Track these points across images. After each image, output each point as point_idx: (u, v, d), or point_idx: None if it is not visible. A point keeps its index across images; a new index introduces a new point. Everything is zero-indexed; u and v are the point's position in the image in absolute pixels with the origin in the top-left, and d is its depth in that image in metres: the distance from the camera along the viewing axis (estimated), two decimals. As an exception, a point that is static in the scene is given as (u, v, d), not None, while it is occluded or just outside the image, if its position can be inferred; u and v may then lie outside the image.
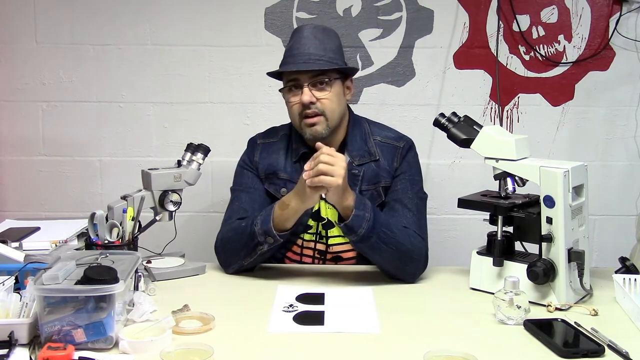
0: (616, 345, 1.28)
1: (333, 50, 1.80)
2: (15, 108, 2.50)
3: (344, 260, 1.87)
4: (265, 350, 1.29)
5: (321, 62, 1.75)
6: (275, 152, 1.90)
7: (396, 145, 1.88)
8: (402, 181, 1.84)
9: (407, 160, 1.87)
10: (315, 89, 1.76)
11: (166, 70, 2.48)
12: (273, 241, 1.67)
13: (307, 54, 1.75)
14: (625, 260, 1.68)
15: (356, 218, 1.62)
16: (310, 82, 1.76)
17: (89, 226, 1.64)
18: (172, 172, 1.80)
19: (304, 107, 1.76)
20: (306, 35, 1.78)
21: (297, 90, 1.78)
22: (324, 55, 1.76)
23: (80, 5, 2.44)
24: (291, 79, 1.79)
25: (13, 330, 1.25)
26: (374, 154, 1.85)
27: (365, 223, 1.62)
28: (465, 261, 1.70)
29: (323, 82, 1.77)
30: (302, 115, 1.78)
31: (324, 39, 1.79)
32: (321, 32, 1.81)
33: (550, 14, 2.45)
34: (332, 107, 1.78)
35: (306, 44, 1.77)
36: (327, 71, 1.77)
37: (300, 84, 1.76)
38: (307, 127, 1.78)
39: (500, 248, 1.60)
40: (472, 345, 1.27)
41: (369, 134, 1.89)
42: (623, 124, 2.51)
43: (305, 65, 1.75)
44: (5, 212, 2.45)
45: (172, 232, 1.83)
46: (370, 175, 1.83)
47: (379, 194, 1.83)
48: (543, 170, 1.53)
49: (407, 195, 1.81)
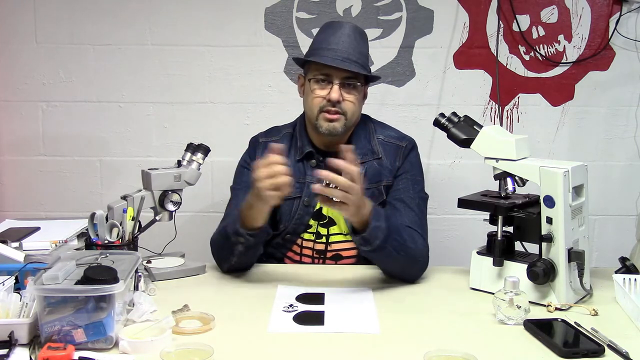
0: (616, 345, 1.28)
1: (365, 55, 1.82)
2: (15, 108, 2.50)
3: (344, 258, 1.87)
4: (265, 350, 1.29)
5: (357, 65, 1.76)
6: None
7: (399, 145, 1.88)
8: (404, 180, 1.84)
9: (410, 160, 1.87)
10: (344, 89, 1.77)
11: (166, 70, 2.48)
12: (244, 240, 1.65)
13: (346, 53, 1.75)
14: (625, 260, 1.68)
15: (374, 230, 1.57)
16: (342, 82, 1.76)
17: (89, 226, 1.64)
18: (172, 172, 1.80)
19: (329, 103, 1.76)
20: (347, 34, 1.78)
21: (325, 84, 1.78)
22: (360, 59, 1.77)
23: (80, 5, 2.44)
24: (323, 73, 1.77)
25: (13, 330, 1.25)
26: (376, 152, 1.86)
27: (382, 233, 1.58)
28: (465, 261, 1.70)
29: (353, 85, 1.78)
30: (322, 110, 1.78)
31: (360, 41, 1.81)
32: (360, 34, 1.82)
33: (550, 14, 2.45)
34: (354, 110, 1.80)
35: (346, 42, 1.77)
36: (359, 75, 1.78)
37: (332, 80, 1.76)
38: (325, 121, 1.78)
39: (500, 248, 1.60)
40: (472, 345, 1.27)
41: (372, 132, 1.90)
42: (623, 124, 2.51)
43: (344, 64, 1.74)
44: (5, 212, 2.45)
45: (172, 232, 1.83)
46: (373, 173, 1.84)
47: (380, 192, 1.83)
48: (543, 170, 1.53)
49: (409, 195, 1.81)
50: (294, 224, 1.85)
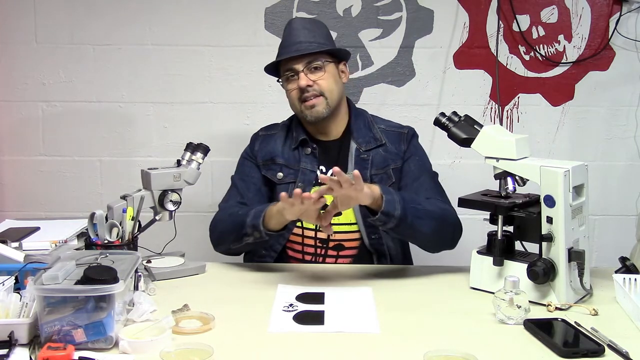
0: (616, 345, 1.28)
1: (322, 37, 1.89)
2: (15, 108, 2.50)
3: (346, 249, 1.88)
4: (265, 350, 1.29)
5: (312, 47, 1.84)
6: (273, 141, 1.99)
7: (401, 132, 1.97)
8: (414, 162, 1.93)
9: (414, 144, 1.97)
10: (310, 73, 1.85)
11: (166, 70, 2.48)
12: (259, 236, 1.72)
13: (298, 43, 1.85)
14: (625, 260, 1.67)
15: (389, 203, 1.64)
16: (305, 68, 1.84)
17: (89, 226, 1.64)
18: (172, 171, 1.80)
19: (302, 91, 1.84)
20: (295, 27, 1.88)
21: (294, 77, 1.86)
22: (314, 42, 1.86)
23: (80, 5, 2.44)
24: (287, 69, 1.87)
25: (13, 330, 1.25)
26: (379, 139, 1.93)
27: (398, 204, 1.65)
28: (465, 261, 1.70)
29: (317, 66, 1.85)
30: (301, 100, 1.86)
31: (312, 27, 1.90)
32: (309, 22, 1.94)
33: (550, 14, 2.45)
34: (330, 87, 1.86)
35: (296, 34, 1.86)
36: (319, 55, 1.85)
37: (297, 71, 1.85)
38: (307, 109, 1.86)
39: (501, 248, 1.60)
40: (472, 345, 1.27)
41: (372, 122, 1.97)
42: (623, 124, 2.51)
43: (296, 52, 1.83)
44: (5, 212, 2.45)
45: (172, 232, 1.83)
46: (379, 160, 1.91)
47: (389, 176, 1.90)
48: (543, 170, 1.53)
49: (423, 174, 1.91)
50: None
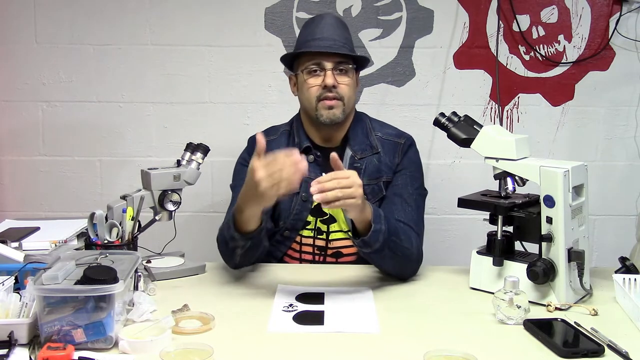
0: (616, 345, 1.28)
1: (350, 42, 1.85)
2: (15, 108, 2.50)
3: (345, 256, 1.87)
4: (265, 350, 1.29)
5: (346, 49, 1.79)
6: (275, 147, 1.88)
7: (397, 142, 1.90)
8: (402, 177, 1.85)
9: (408, 156, 1.89)
10: (337, 74, 1.79)
11: (166, 70, 2.48)
12: (242, 244, 1.65)
13: (332, 39, 1.79)
14: (625, 260, 1.67)
15: (374, 233, 1.58)
16: (334, 66, 1.78)
17: (89, 226, 1.64)
18: (172, 171, 1.80)
19: (325, 90, 1.78)
20: (330, 23, 1.82)
21: (318, 73, 1.79)
22: (347, 44, 1.81)
23: (80, 5, 2.44)
24: (314, 62, 1.79)
25: (13, 330, 1.25)
26: (375, 147, 1.88)
27: (382, 236, 1.59)
28: (465, 261, 1.70)
29: (345, 69, 1.80)
30: (319, 98, 1.79)
31: (344, 28, 1.86)
32: (341, 22, 1.88)
33: (550, 14, 2.45)
34: (350, 94, 1.82)
35: (330, 30, 1.80)
36: (349, 59, 1.81)
37: (324, 67, 1.78)
38: (325, 109, 1.79)
39: (500, 248, 1.60)
40: (472, 345, 1.27)
41: (370, 129, 1.92)
42: (623, 124, 2.51)
43: (332, 49, 1.77)
44: (5, 212, 2.45)
45: (171, 232, 1.83)
46: (372, 169, 1.85)
47: (380, 188, 1.84)
48: (543, 170, 1.53)
49: (407, 191, 1.82)
50: (292, 220, 1.85)
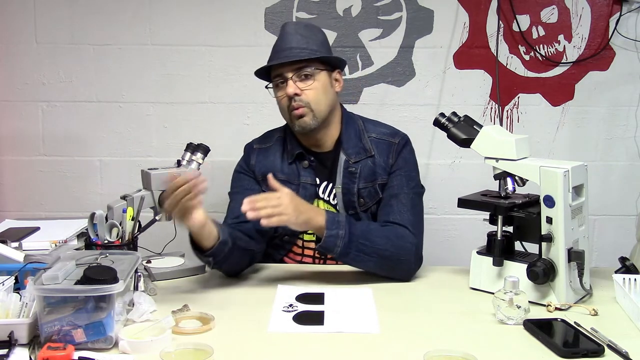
0: (616, 345, 1.28)
1: (317, 43, 1.80)
2: (15, 108, 2.50)
3: None
4: (265, 350, 1.29)
5: (305, 53, 1.77)
6: (271, 155, 1.91)
7: (391, 142, 1.87)
8: (398, 177, 1.83)
9: (403, 156, 1.86)
10: (299, 80, 1.77)
11: (166, 70, 2.48)
12: (206, 260, 1.66)
13: (289, 49, 1.77)
14: (625, 260, 1.67)
15: (329, 239, 1.63)
16: (294, 75, 1.77)
17: (89, 226, 1.64)
18: (172, 171, 1.80)
19: (290, 100, 1.77)
20: (288, 32, 1.80)
21: (284, 84, 1.79)
22: (306, 48, 1.78)
23: (80, 5, 2.44)
24: (277, 75, 1.80)
25: (13, 330, 1.25)
26: (369, 149, 1.85)
27: (340, 241, 1.63)
28: (465, 261, 1.70)
29: (307, 74, 1.77)
30: (290, 109, 1.79)
31: (306, 33, 1.81)
32: (303, 27, 1.83)
33: (550, 14, 2.45)
34: (317, 98, 1.78)
35: (288, 39, 1.78)
36: (310, 63, 1.77)
37: (285, 77, 1.77)
38: (295, 119, 1.79)
39: (500, 248, 1.60)
40: (472, 345, 1.27)
41: (363, 131, 1.88)
42: (623, 124, 2.51)
43: (286, 58, 1.76)
44: (5, 212, 2.45)
45: (172, 232, 1.82)
46: (368, 172, 1.84)
47: (377, 191, 1.83)
48: (543, 170, 1.53)
49: (402, 191, 1.80)
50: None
